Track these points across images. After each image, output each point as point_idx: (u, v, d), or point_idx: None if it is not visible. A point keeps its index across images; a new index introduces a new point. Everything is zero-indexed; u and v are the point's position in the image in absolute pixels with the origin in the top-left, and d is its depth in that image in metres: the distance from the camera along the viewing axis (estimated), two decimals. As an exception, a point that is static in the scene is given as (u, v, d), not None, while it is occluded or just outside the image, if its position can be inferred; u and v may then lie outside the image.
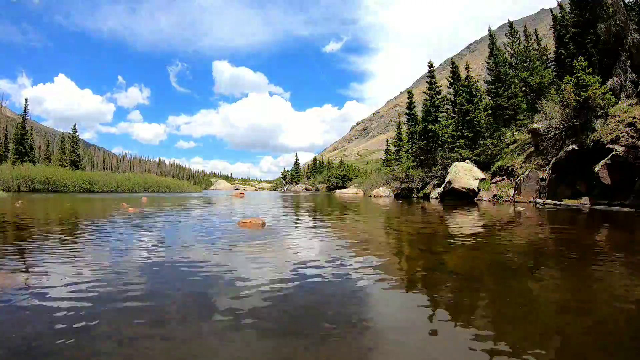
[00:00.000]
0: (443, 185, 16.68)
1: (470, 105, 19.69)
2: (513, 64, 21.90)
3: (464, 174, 15.85)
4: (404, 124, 30.22)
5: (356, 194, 29.92)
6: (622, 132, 9.92)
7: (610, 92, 11.63)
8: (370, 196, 23.39)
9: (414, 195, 20.18)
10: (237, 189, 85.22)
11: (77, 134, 40.02)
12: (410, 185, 20.81)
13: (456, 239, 4.60)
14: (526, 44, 22.49)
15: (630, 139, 9.65)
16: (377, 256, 3.37)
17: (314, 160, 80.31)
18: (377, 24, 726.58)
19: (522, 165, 15.27)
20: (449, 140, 20.24)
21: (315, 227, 5.96)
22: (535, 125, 14.55)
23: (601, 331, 1.68)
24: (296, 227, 5.88)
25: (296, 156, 73.66)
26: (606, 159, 9.74)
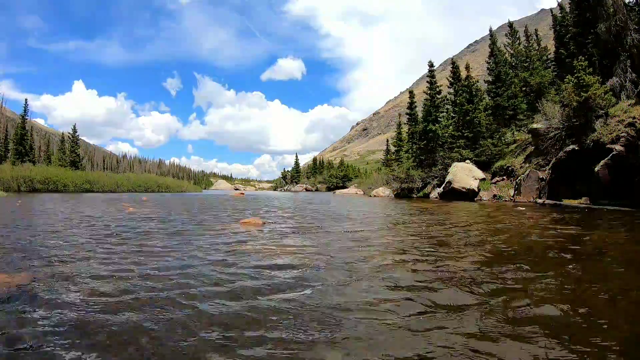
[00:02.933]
0: (443, 185, 16.68)
1: (471, 105, 19.68)
2: (513, 64, 21.89)
3: (464, 174, 15.85)
4: (404, 124, 30.21)
5: (356, 193, 30.07)
6: (622, 132, 9.91)
7: (610, 92, 11.61)
8: (370, 196, 23.45)
9: (414, 195, 20.18)
10: (237, 189, 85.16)
11: (77, 134, 39.97)
12: (410, 185, 20.79)
13: (455, 238, 4.60)
14: (526, 44, 22.50)
15: (630, 139, 9.64)
16: (375, 254, 3.37)
17: (314, 160, 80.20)
18: (335, 57, 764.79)
19: (522, 165, 15.27)
20: (449, 140, 20.23)
21: (315, 226, 5.96)
22: (535, 125, 14.55)
23: (600, 330, 1.68)
24: (296, 226, 5.88)
25: (296, 156, 73.77)
26: (606, 159, 9.74)
